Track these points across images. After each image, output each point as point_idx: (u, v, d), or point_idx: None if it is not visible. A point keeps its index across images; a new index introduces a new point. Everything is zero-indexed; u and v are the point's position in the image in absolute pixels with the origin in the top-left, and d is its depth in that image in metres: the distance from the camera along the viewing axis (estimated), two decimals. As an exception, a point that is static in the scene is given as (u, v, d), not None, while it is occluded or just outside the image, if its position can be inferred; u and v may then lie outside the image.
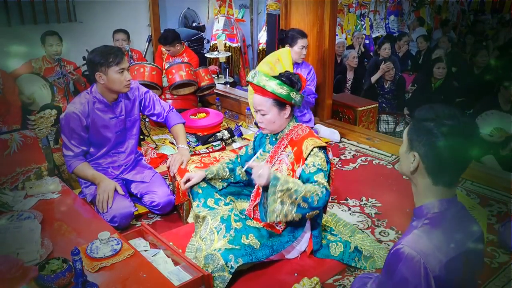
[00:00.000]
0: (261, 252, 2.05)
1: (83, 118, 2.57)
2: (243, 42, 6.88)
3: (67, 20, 4.72)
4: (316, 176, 2.01)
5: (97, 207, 2.54)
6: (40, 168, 2.69)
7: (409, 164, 1.34)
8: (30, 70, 4.06)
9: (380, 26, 8.61)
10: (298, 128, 2.18)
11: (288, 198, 1.93)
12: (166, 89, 4.27)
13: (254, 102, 2.17)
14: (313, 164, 2.04)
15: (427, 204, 1.33)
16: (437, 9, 9.34)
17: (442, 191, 1.32)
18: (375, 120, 4.49)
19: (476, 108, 4.35)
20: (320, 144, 2.08)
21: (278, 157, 2.17)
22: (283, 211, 1.94)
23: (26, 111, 3.80)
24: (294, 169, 2.10)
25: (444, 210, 1.31)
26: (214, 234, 2.11)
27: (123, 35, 4.69)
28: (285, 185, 1.93)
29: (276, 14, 5.27)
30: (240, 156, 2.47)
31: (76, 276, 1.64)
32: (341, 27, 7.67)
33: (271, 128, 2.18)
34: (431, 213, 1.31)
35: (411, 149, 1.33)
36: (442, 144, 1.24)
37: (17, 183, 2.58)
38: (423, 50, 6.84)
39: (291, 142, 2.16)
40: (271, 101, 2.10)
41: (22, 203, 2.37)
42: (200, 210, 2.28)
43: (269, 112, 2.12)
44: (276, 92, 2.06)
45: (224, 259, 1.94)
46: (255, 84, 2.10)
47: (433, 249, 1.23)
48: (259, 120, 2.17)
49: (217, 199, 2.34)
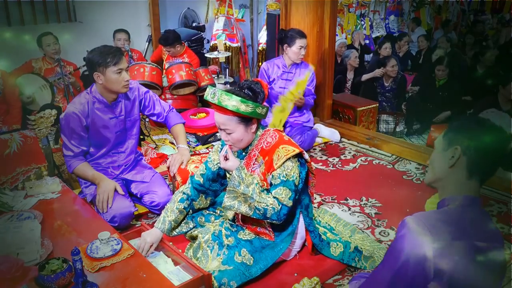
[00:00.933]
0: (255, 268, 2.04)
1: (83, 118, 2.57)
2: (243, 42, 6.87)
3: (67, 20, 4.71)
4: (275, 191, 1.97)
5: (97, 207, 2.54)
6: (40, 168, 2.69)
7: (446, 161, 1.36)
8: (31, 70, 4.07)
9: (380, 26, 8.61)
10: (267, 135, 2.07)
11: (245, 201, 1.97)
12: (166, 89, 4.27)
13: (217, 121, 2.03)
14: (279, 176, 1.99)
15: (450, 197, 1.36)
16: (437, 9, 9.33)
17: (473, 187, 1.36)
18: (375, 120, 4.50)
19: (476, 107, 4.36)
20: (292, 152, 1.99)
21: (250, 169, 2.07)
22: (240, 209, 1.99)
23: (26, 111, 3.80)
24: (265, 179, 2.05)
25: (466, 206, 1.33)
26: (207, 252, 2.11)
27: (124, 35, 4.70)
28: (245, 188, 1.96)
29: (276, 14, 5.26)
30: (202, 175, 2.28)
31: (76, 276, 1.64)
32: (341, 27, 7.66)
33: (239, 145, 2.08)
34: (452, 205, 1.34)
35: (451, 145, 1.37)
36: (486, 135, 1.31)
37: (17, 183, 2.58)
38: (424, 49, 6.84)
39: (262, 151, 2.06)
40: (236, 119, 1.98)
41: (22, 203, 2.37)
42: (192, 231, 2.29)
43: (235, 130, 2.00)
44: (241, 111, 1.93)
45: (218, 282, 1.92)
46: (216, 105, 1.95)
47: (440, 226, 1.25)
48: (225, 139, 2.06)
49: (207, 215, 2.34)
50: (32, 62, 4.11)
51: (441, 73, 4.91)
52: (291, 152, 1.98)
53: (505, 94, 3.93)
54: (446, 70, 4.89)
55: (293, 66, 3.70)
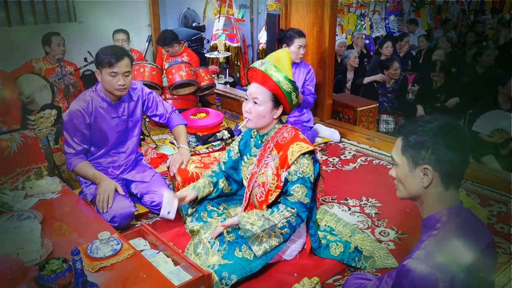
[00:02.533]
0: (255, 263, 2.04)
1: (87, 115, 2.58)
2: (243, 42, 6.88)
3: (67, 20, 4.72)
4: (293, 188, 2.01)
5: (97, 207, 2.54)
6: (40, 168, 2.69)
7: (419, 181, 1.31)
8: (31, 70, 4.06)
9: (380, 26, 8.61)
10: (284, 130, 2.13)
11: (269, 236, 1.98)
12: (166, 89, 4.28)
13: (250, 90, 2.08)
14: (296, 172, 2.03)
15: (436, 214, 1.31)
16: (437, 9, 9.34)
17: (452, 196, 1.31)
18: (375, 120, 4.50)
19: (476, 108, 4.36)
20: (306, 149, 2.03)
21: (264, 160, 2.14)
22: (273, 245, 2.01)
23: (26, 111, 3.80)
24: (278, 174, 2.08)
25: (454, 218, 1.29)
26: (208, 248, 2.12)
27: (123, 36, 4.69)
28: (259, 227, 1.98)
29: (276, 14, 5.27)
30: (224, 163, 2.40)
31: (76, 276, 1.64)
32: (341, 27, 7.66)
33: (258, 122, 2.11)
34: (440, 223, 1.29)
35: (418, 164, 1.30)
36: (449, 142, 1.25)
37: (17, 183, 2.58)
38: (424, 49, 6.84)
39: (276, 145, 2.11)
40: (270, 94, 2.06)
41: (22, 203, 2.37)
42: (194, 225, 2.30)
43: (263, 104, 2.06)
44: (281, 85, 2.02)
45: (218, 276, 1.93)
46: (261, 71, 2.03)
47: (445, 261, 1.19)
48: (248, 110, 2.09)
49: (210, 211, 2.34)
50: (33, 62, 4.11)
51: (436, 78, 4.90)
52: (304, 149, 2.03)
53: (505, 93, 3.93)
54: (441, 75, 4.86)
55: (292, 65, 3.70)
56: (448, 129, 1.27)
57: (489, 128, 3.85)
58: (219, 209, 2.37)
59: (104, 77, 2.52)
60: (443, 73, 4.85)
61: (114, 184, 2.60)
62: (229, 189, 2.42)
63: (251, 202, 2.25)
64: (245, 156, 2.29)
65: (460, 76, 5.55)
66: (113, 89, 2.55)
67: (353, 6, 7.95)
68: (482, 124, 3.89)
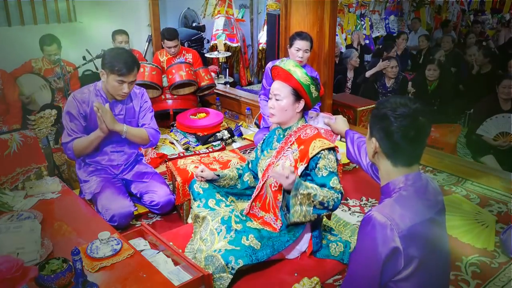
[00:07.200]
0: (261, 252, 2.05)
1: (81, 105, 2.60)
2: (243, 42, 6.88)
3: (67, 20, 4.71)
4: (331, 181, 2.05)
5: (99, 125, 2.51)
6: (40, 168, 2.69)
7: (370, 150, 1.47)
8: (30, 70, 4.06)
9: (380, 26, 8.62)
10: (307, 128, 2.20)
11: (307, 200, 1.98)
12: (166, 89, 4.27)
13: (272, 87, 2.20)
14: (325, 167, 2.07)
15: (393, 181, 1.42)
16: (437, 9, 9.34)
17: (403, 170, 1.42)
18: (375, 120, 4.49)
19: (476, 108, 4.36)
20: (328, 145, 2.08)
21: (284, 152, 2.19)
22: (302, 212, 1.99)
23: (26, 111, 3.80)
24: (296, 167, 2.10)
25: (410, 184, 1.40)
26: (214, 235, 2.11)
27: (123, 36, 4.68)
28: (306, 190, 1.96)
29: (276, 14, 5.26)
30: (251, 161, 2.46)
31: (76, 276, 1.64)
32: (341, 27, 7.66)
33: (281, 116, 2.18)
34: (397, 188, 1.41)
35: (371, 136, 1.45)
36: (393, 128, 1.35)
37: (17, 183, 2.58)
38: (424, 49, 6.84)
39: (298, 139, 2.17)
40: (290, 89, 2.14)
41: (22, 203, 2.37)
42: (201, 211, 2.28)
43: (284, 99, 2.14)
44: (300, 80, 2.09)
45: (225, 260, 1.94)
46: (282, 67, 2.13)
47: (400, 213, 1.33)
48: (271, 105, 2.19)
49: (218, 200, 2.33)
50: (32, 62, 4.11)
51: (431, 72, 4.87)
52: (326, 145, 2.08)
53: (505, 92, 3.94)
54: (438, 71, 4.84)
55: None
56: (405, 117, 1.35)
57: (494, 132, 3.87)
58: (227, 200, 2.38)
59: (110, 81, 2.54)
60: (440, 69, 4.84)
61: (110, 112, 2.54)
62: (255, 184, 2.44)
63: (263, 193, 2.26)
64: (265, 150, 2.33)
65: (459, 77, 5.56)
66: (116, 94, 2.59)
67: (353, 6, 7.95)
68: (487, 128, 3.91)
